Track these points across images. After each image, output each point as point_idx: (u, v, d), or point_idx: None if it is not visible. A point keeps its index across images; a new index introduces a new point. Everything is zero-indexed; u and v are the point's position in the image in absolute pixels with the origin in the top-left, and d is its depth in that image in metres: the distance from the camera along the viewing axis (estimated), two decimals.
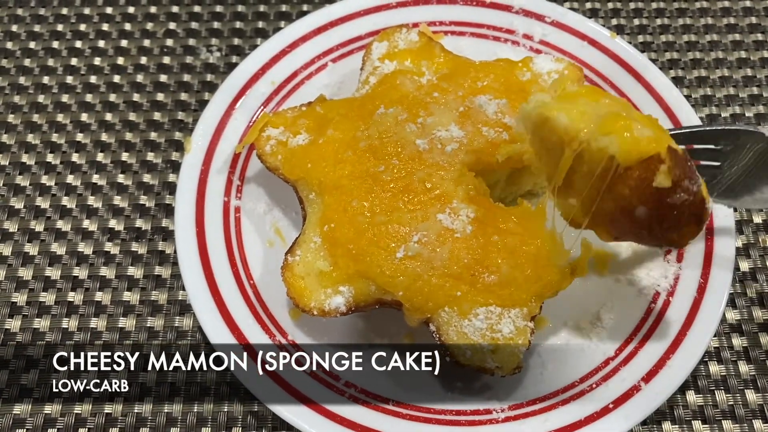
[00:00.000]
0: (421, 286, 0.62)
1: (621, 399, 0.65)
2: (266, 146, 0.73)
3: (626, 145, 0.54)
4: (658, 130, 0.56)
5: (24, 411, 0.71)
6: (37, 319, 0.76)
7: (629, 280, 0.73)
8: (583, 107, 0.58)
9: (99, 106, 0.90)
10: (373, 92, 0.74)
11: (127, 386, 0.71)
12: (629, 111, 0.59)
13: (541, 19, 0.86)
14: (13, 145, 0.87)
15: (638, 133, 0.54)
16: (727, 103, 0.91)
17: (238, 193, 0.77)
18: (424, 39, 0.78)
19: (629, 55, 0.83)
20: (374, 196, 0.66)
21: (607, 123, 0.55)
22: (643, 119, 0.57)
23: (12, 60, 0.94)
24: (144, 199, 0.83)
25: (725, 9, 0.99)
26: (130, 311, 0.76)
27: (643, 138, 0.54)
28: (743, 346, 0.75)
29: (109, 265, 0.79)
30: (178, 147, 0.87)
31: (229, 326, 0.68)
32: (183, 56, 0.94)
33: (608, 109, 0.57)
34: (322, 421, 0.64)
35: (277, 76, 0.83)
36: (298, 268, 0.66)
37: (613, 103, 0.59)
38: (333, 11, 0.87)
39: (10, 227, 0.81)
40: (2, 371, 0.73)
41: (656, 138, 0.54)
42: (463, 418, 0.66)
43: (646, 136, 0.54)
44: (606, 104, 0.59)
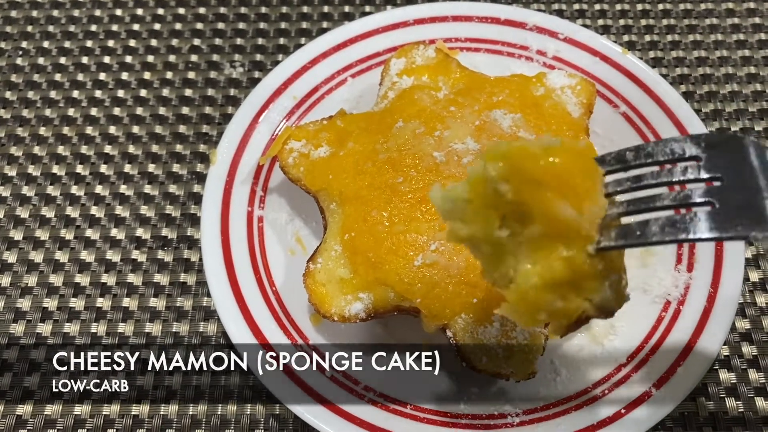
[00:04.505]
0: (439, 293, 0.65)
1: (632, 405, 0.67)
2: (289, 158, 0.76)
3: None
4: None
5: (55, 411, 0.74)
6: (68, 324, 0.79)
7: (641, 289, 0.75)
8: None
9: (126, 119, 0.94)
10: (392, 106, 0.77)
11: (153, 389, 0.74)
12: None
13: (554, 35, 0.89)
14: (44, 156, 0.91)
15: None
16: (737, 117, 0.93)
17: (261, 204, 0.80)
18: (441, 55, 0.81)
19: (640, 70, 0.85)
20: (393, 206, 0.68)
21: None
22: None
23: (44, 75, 0.98)
24: (170, 209, 0.86)
25: (735, 25, 1.01)
26: (157, 317, 0.79)
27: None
28: (753, 355, 0.76)
29: (136, 273, 0.82)
30: (203, 159, 0.90)
31: (252, 331, 0.71)
32: (207, 71, 0.98)
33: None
34: (341, 423, 0.66)
35: (298, 91, 0.86)
36: (320, 275, 0.69)
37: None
38: (352, 28, 0.90)
39: (42, 236, 0.85)
40: (35, 374, 0.76)
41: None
42: (479, 422, 0.68)
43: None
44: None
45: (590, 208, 0.48)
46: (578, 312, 0.49)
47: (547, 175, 0.47)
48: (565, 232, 0.47)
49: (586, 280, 0.48)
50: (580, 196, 0.48)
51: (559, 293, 0.48)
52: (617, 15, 1.02)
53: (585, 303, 0.48)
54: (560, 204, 0.47)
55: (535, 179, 0.47)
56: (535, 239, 0.48)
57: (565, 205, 0.47)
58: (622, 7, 1.03)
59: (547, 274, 0.47)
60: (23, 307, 0.80)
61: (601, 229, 0.48)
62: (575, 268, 0.47)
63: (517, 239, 0.48)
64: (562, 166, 0.48)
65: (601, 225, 0.49)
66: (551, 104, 0.76)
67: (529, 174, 0.47)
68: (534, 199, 0.47)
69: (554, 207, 0.47)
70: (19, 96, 0.96)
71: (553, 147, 0.48)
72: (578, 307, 0.48)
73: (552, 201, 0.47)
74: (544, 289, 0.48)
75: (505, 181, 0.47)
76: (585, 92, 0.77)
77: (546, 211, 0.47)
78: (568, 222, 0.47)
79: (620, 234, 0.48)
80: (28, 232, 0.85)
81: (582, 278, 0.48)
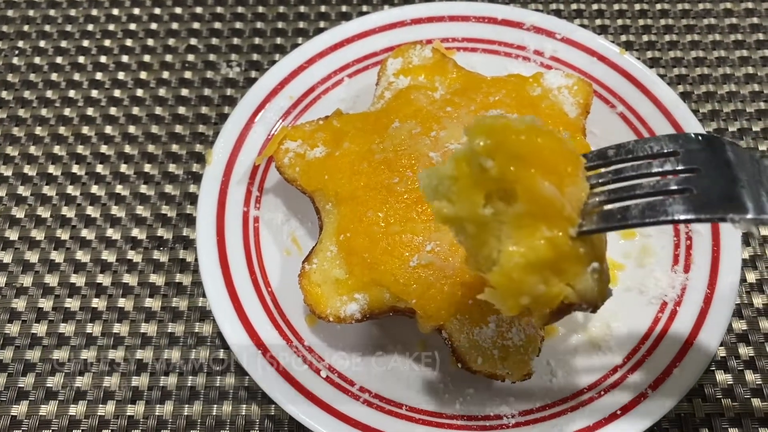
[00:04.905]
0: (434, 294, 0.64)
1: (629, 406, 0.67)
2: (285, 158, 0.76)
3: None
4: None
5: (50, 412, 0.74)
6: (63, 324, 0.79)
7: (638, 290, 0.75)
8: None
9: (122, 119, 0.94)
10: (388, 107, 0.77)
11: (148, 389, 0.74)
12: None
13: (551, 35, 0.89)
14: (40, 156, 0.90)
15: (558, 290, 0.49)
16: (734, 117, 0.92)
17: (257, 204, 0.80)
18: (438, 55, 0.81)
19: (638, 70, 0.85)
20: (389, 206, 0.68)
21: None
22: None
23: (40, 74, 0.98)
24: (166, 209, 0.86)
25: (732, 26, 1.01)
26: (152, 317, 0.79)
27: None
28: (750, 356, 0.76)
29: (132, 273, 0.82)
30: (199, 159, 0.90)
31: (248, 332, 0.71)
32: (204, 71, 0.98)
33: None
34: (337, 424, 0.66)
35: (295, 91, 0.86)
36: (315, 275, 0.69)
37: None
38: (349, 28, 0.90)
39: (37, 236, 0.84)
40: (30, 374, 0.75)
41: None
42: (474, 423, 0.68)
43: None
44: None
45: (572, 190, 0.49)
46: (560, 297, 0.49)
47: (530, 152, 0.48)
48: (548, 212, 0.48)
49: (568, 264, 0.49)
50: (562, 177, 0.49)
51: (542, 275, 0.48)
52: (615, 15, 1.02)
53: (567, 288, 0.49)
54: (543, 181, 0.47)
55: (519, 155, 0.48)
56: (518, 218, 0.48)
57: (548, 183, 0.48)
58: (620, 7, 1.03)
59: (530, 253, 0.48)
60: (18, 307, 0.80)
61: (583, 215, 0.50)
62: (557, 249, 0.48)
63: (500, 218, 0.49)
64: (545, 145, 0.49)
65: (583, 211, 0.50)
66: (548, 104, 0.76)
67: (513, 150, 0.48)
68: (517, 175, 0.48)
69: (537, 184, 0.47)
70: (15, 95, 0.96)
71: (535, 126, 0.49)
72: (560, 291, 0.49)
73: (535, 178, 0.47)
74: (527, 270, 0.48)
75: (490, 157, 0.48)
76: (582, 92, 0.77)
77: (529, 188, 0.47)
78: (551, 200, 0.48)
79: (602, 218, 0.50)
80: (24, 232, 0.85)
81: (564, 261, 0.48)
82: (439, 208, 0.51)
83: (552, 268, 0.48)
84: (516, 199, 0.48)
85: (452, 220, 0.51)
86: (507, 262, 0.48)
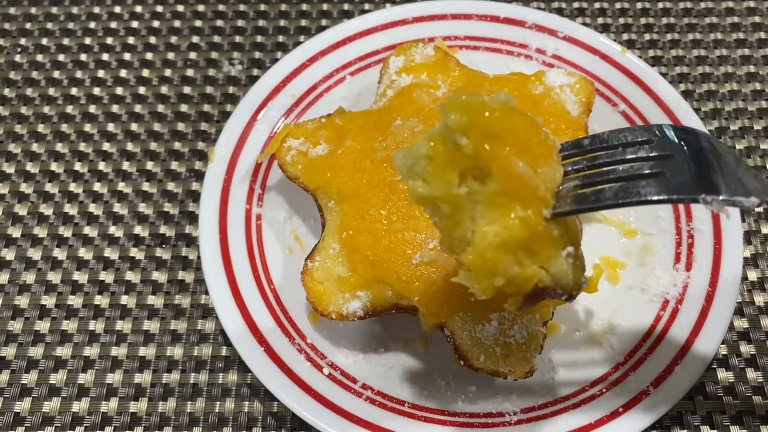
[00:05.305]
0: (437, 291, 0.64)
1: (630, 404, 0.67)
2: (287, 156, 0.76)
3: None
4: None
5: (53, 408, 0.74)
6: (65, 321, 0.79)
7: (639, 288, 0.75)
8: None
9: (125, 117, 0.94)
10: (390, 105, 0.77)
11: (150, 386, 0.74)
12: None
13: (553, 34, 0.89)
14: (42, 153, 0.90)
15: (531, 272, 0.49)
16: (736, 116, 0.92)
17: (259, 202, 0.80)
18: (440, 53, 0.81)
19: (639, 69, 0.85)
20: (391, 204, 0.68)
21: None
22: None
23: (42, 72, 0.98)
24: (168, 206, 0.86)
25: (734, 24, 1.01)
26: (155, 314, 0.79)
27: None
28: (751, 354, 0.76)
29: (135, 270, 0.82)
30: (201, 156, 0.90)
31: (250, 329, 0.71)
32: (206, 69, 0.98)
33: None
34: (339, 420, 0.66)
35: (297, 89, 0.86)
36: (318, 273, 0.69)
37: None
38: (351, 26, 0.90)
39: (40, 233, 0.84)
40: (33, 371, 0.76)
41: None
42: (477, 420, 0.68)
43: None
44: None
45: (546, 171, 0.50)
46: (534, 279, 0.49)
47: (504, 130, 0.48)
48: (522, 192, 0.48)
49: (542, 245, 0.49)
50: (536, 158, 0.49)
51: (516, 256, 0.48)
52: (617, 13, 1.02)
53: (541, 271, 0.49)
54: (517, 160, 0.48)
55: (494, 133, 0.48)
56: (492, 198, 0.48)
57: (522, 162, 0.48)
58: (622, 5, 1.03)
59: (504, 233, 0.48)
60: (21, 304, 0.80)
61: (558, 199, 0.50)
62: (531, 228, 0.48)
63: (475, 198, 0.49)
64: (520, 124, 0.49)
65: (558, 195, 0.50)
66: (550, 103, 0.76)
67: (488, 127, 0.48)
68: (492, 153, 0.48)
69: (511, 162, 0.48)
70: (17, 93, 0.96)
71: (510, 105, 0.49)
72: (534, 274, 0.49)
73: (509, 157, 0.48)
74: (501, 250, 0.48)
75: (464, 134, 0.48)
76: (584, 91, 0.77)
77: (503, 166, 0.48)
78: (525, 180, 0.48)
79: (575, 200, 0.50)
80: (27, 229, 0.85)
81: (538, 242, 0.49)
82: (414, 188, 0.51)
83: (526, 249, 0.49)
84: (490, 177, 0.48)
85: (427, 200, 0.51)
86: (481, 241, 0.48)
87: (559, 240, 0.49)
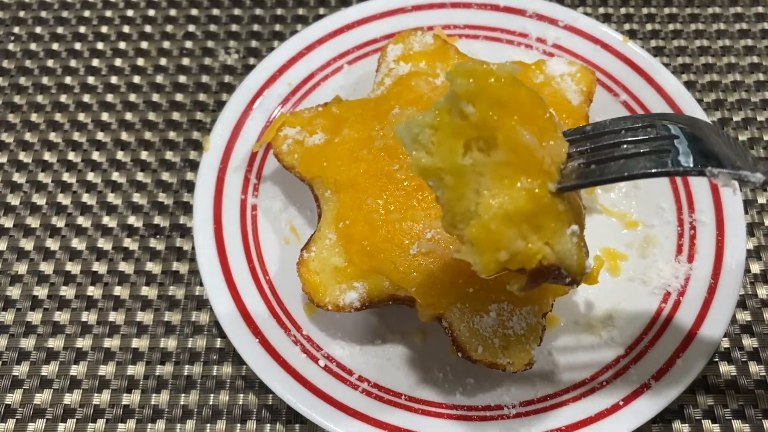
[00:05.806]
0: (434, 282, 0.63)
1: (631, 397, 0.66)
2: (283, 145, 0.75)
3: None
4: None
5: (45, 401, 0.73)
6: (58, 312, 0.78)
7: (641, 280, 0.74)
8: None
9: (119, 106, 0.92)
10: (388, 93, 0.76)
11: (143, 378, 0.73)
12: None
13: (554, 23, 0.87)
14: (35, 143, 0.89)
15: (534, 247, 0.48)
16: (739, 107, 0.91)
17: (255, 191, 0.79)
18: (439, 42, 0.80)
19: (641, 59, 0.84)
20: (388, 194, 0.67)
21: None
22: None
23: (35, 61, 0.96)
24: (162, 196, 0.85)
25: (737, 15, 1.00)
26: (148, 306, 0.78)
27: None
28: (754, 347, 0.75)
29: (128, 261, 0.81)
30: (196, 146, 0.89)
31: (245, 320, 0.70)
32: (201, 58, 0.96)
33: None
34: (335, 413, 0.65)
35: (293, 78, 0.85)
36: (314, 263, 0.68)
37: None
38: (349, 14, 0.89)
39: (32, 223, 0.83)
40: (24, 362, 0.75)
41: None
42: (475, 413, 0.67)
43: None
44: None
45: (552, 145, 0.49)
46: (539, 255, 0.48)
47: (511, 98, 0.47)
48: (528, 163, 0.47)
49: (547, 219, 0.48)
50: (542, 130, 0.49)
51: (520, 230, 0.47)
52: (618, 3, 1.01)
53: (546, 247, 0.48)
54: (524, 131, 0.47)
55: (501, 101, 0.47)
56: (497, 169, 0.48)
57: (529, 132, 0.47)
58: None
59: (509, 204, 0.47)
60: (13, 295, 0.79)
61: (562, 176, 0.49)
62: (537, 200, 0.47)
63: (479, 169, 0.48)
64: (526, 95, 0.48)
65: (563, 173, 0.50)
66: (551, 92, 0.75)
67: (495, 95, 0.47)
68: (499, 122, 0.47)
69: (518, 132, 0.47)
70: (10, 81, 0.94)
71: (516, 77, 0.48)
72: (539, 250, 0.48)
73: (516, 126, 0.47)
74: (506, 222, 0.47)
75: (471, 103, 0.47)
76: (585, 80, 0.76)
77: (510, 136, 0.47)
78: (531, 150, 0.47)
79: (581, 175, 0.49)
80: (19, 219, 0.84)
81: (543, 215, 0.48)
82: (417, 158, 0.50)
83: (530, 223, 0.48)
84: (496, 147, 0.48)
85: (430, 171, 0.50)
86: (485, 212, 0.47)
87: (564, 216, 0.49)
